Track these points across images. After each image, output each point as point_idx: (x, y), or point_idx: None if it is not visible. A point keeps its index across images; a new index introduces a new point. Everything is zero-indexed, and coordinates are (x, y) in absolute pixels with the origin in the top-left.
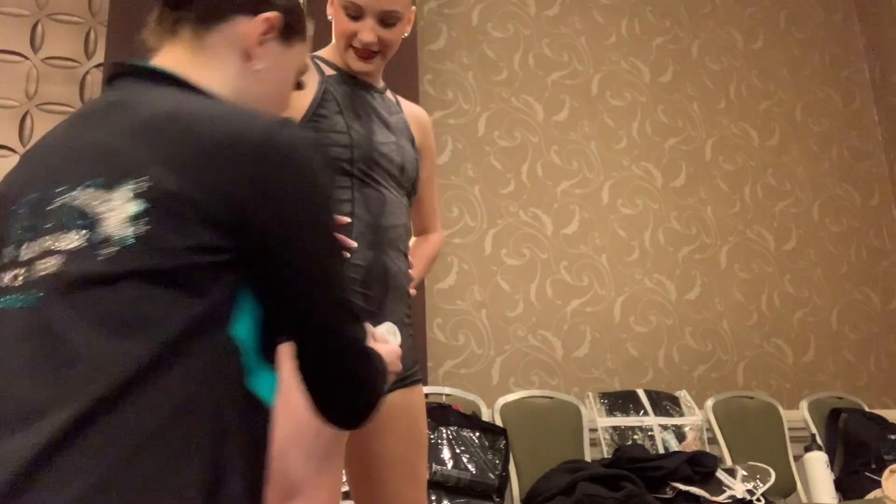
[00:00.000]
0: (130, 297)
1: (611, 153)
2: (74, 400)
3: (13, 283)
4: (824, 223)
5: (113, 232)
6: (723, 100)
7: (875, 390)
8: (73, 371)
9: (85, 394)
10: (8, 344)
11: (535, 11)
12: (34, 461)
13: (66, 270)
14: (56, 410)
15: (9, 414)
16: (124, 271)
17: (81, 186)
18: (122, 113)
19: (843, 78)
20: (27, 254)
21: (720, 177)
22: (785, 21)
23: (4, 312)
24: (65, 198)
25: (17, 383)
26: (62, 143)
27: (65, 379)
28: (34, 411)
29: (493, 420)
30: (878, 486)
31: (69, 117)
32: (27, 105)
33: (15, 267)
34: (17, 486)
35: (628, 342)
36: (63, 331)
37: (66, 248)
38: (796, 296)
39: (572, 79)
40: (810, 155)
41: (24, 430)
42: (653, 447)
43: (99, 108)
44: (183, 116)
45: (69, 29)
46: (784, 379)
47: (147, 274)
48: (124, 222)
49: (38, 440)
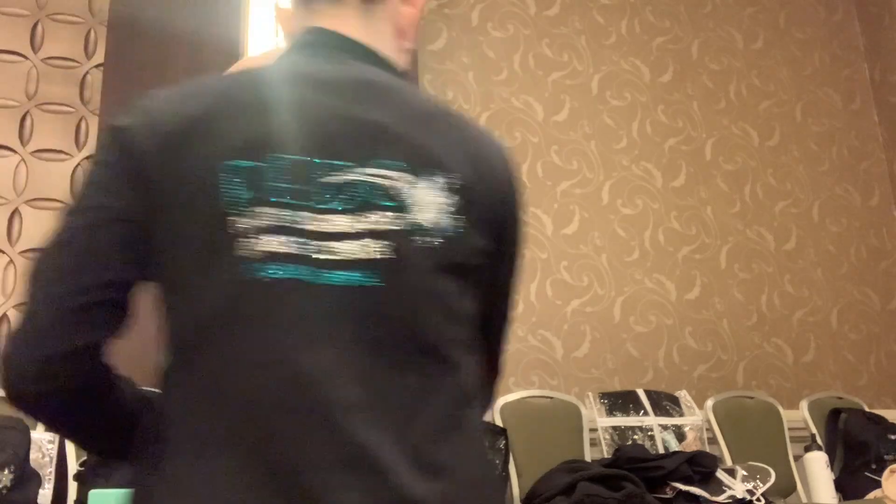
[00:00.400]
0: (452, 289)
1: (611, 153)
2: (439, 391)
3: (293, 251)
4: (824, 223)
5: (430, 222)
6: (723, 100)
7: (875, 390)
8: (426, 360)
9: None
10: (323, 320)
11: (535, 11)
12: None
13: (384, 253)
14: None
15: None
16: (447, 263)
17: (374, 166)
18: (390, 98)
19: (843, 78)
20: (312, 224)
21: (720, 177)
22: (785, 21)
23: (298, 283)
24: (353, 174)
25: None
26: (314, 108)
27: (420, 368)
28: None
29: (493, 420)
30: (878, 486)
31: (289, 77)
32: (27, 105)
33: (292, 234)
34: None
35: (628, 342)
36: (402, 317)
37: (379, 229)
38: (796, 296)
39: (572, 79)
40: (810, 155)
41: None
42: (653, 447)
43: (346, 82)
44: (444, 117)
45: (69, 29)
46: (784, 379)
47: (459, 268)
48: (440, 213)
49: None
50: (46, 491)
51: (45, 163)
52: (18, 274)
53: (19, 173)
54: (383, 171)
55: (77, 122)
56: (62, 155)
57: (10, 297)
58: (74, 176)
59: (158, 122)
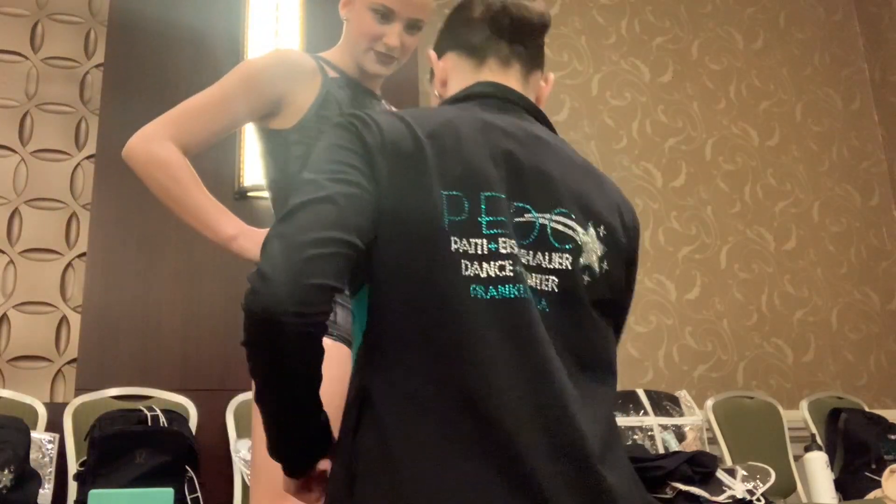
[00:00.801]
0: (606, 317)
1: (611, 153)
2: (605, 401)
3: (501, 273)
4: (824, 223)
5: (592, 264)
6: (723, 100)
7: (875, 390)
8: (595, 373)
9: (606, 395)
10: (533, 328)
11: None
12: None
13: (563, 287)
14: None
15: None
16: (597, 298)
17: (554, 212)
18: (557, 152)
19: (843, 78)
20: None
21: (720, 177)
22: (785, 21)
23: (514, 301)
24: (540, 218)
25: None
26: (507, 155)
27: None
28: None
29: None
30: (878, 486)
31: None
32: (27, 105)
33: (499, 259)
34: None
35: (628, 342)
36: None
37: (558, 268)
38: (796, 296)
39: (572, 79)
40: (810, 155)
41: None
42: (653, 447)
43: (527, 135)
44: (594, 171)
45: (69, 29)
46: (784, 379)
47: (608, 301)
48: (597, 258)
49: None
50: (46, 491)
51: (45, 163)
52: (18, 274)
53: (19, 173)
54: (562, 219)
55: (77, 122)
56: (62, 155)
57: (10, 296)
58: (74, 176)
59: (391, 141)
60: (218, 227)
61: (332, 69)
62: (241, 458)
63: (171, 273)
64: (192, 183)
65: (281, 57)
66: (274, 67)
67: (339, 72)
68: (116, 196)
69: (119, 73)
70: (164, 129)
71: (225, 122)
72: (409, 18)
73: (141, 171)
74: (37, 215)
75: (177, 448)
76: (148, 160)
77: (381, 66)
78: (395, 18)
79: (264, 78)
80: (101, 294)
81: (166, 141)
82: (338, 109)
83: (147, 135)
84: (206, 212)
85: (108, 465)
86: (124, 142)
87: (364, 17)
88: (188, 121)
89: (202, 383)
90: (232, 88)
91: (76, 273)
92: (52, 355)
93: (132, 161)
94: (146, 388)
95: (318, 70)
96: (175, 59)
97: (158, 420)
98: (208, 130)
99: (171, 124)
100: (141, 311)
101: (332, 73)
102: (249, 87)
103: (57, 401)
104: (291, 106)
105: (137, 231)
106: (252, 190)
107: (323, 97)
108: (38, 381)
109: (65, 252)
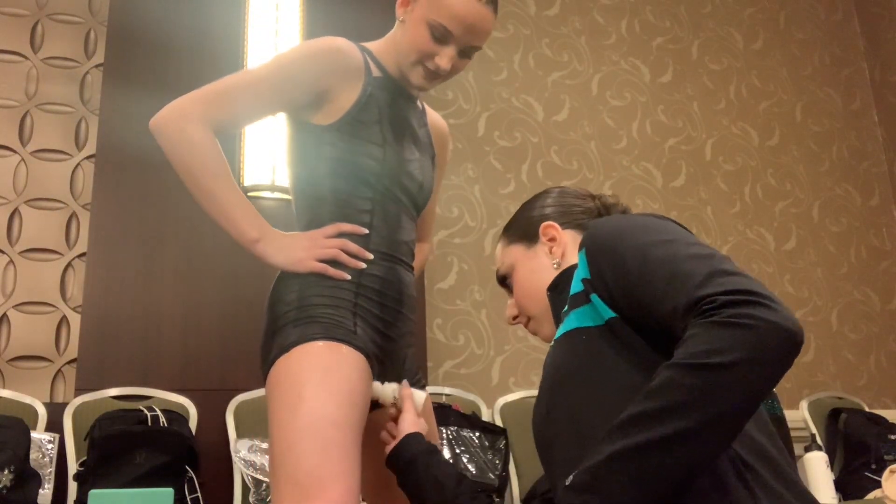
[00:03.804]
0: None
1: (611, 153)
2: None
3: None
4: (824, 223)
5: None
6: (723, 100)
7: (875, 390)
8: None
9: None
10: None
11: (535, 11)
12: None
13: None
14: None
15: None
16: None
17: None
18: None
19: (843, 78)
20: None
21: (720, 177)
22: (785, 21)
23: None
24: None
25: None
26: None
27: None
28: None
29: (493, 420)
30: (878, 486)
31: None
32: (27, 105)
33: None
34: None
35: None
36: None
37: None
38: (796, 296)
39: (572, 79)
40: (810, 155)
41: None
42: None
43: None
44: None
45: (69, 29)
46: (784, 379)
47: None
48: None
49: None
50: (46, 491)
51: (45, 163)
52: (18, 274)
53: (19, 173)
54: None
55: (77, 122)
56: (62, 155)
57: (10, 296)
58: (74, 176)
59: None
60: (242, 227)
61: (376, 66)
62: (241, 458)
63: (171, 273)
64: (223, 174)
65: (331, 49)
66: (322, 59)
67: (383, 70)
68: (116, 196)
69: (119, 73)
70: (202, 107)
71: (262, 107)
72: (467, 45)
73: (169, 149)
74: (37, 215)
75: (177, 448)
76: (181, 139)
77: (426, 81)
78: (451, 41)
79: (310, 69)
80: (101, 294)
81: (202, 122)
82: (377, 114)
83: (182, 111)
84: (233, 208)
85: (108, 465)
86: (124, 142)
87: (420, 30)
88: (227, 101)
89: (202, 383)
90: (276, 73)
91: (76, 273)
92: (52, 355)
93: (162, 137)
94: (146, 388)
95: (363, 68)
96: (175, 59)
97: (158, 420)
98: (244, 114)
99: (209, 102)
100: (141, 311)
101: (375, 71)
102: (293, 74)
103: (57, 401)
104: (333, 103)
105: (137, 231)
106: (253, 189)
107: (365, 100)
108: (38, 382)
109: (65, 252)
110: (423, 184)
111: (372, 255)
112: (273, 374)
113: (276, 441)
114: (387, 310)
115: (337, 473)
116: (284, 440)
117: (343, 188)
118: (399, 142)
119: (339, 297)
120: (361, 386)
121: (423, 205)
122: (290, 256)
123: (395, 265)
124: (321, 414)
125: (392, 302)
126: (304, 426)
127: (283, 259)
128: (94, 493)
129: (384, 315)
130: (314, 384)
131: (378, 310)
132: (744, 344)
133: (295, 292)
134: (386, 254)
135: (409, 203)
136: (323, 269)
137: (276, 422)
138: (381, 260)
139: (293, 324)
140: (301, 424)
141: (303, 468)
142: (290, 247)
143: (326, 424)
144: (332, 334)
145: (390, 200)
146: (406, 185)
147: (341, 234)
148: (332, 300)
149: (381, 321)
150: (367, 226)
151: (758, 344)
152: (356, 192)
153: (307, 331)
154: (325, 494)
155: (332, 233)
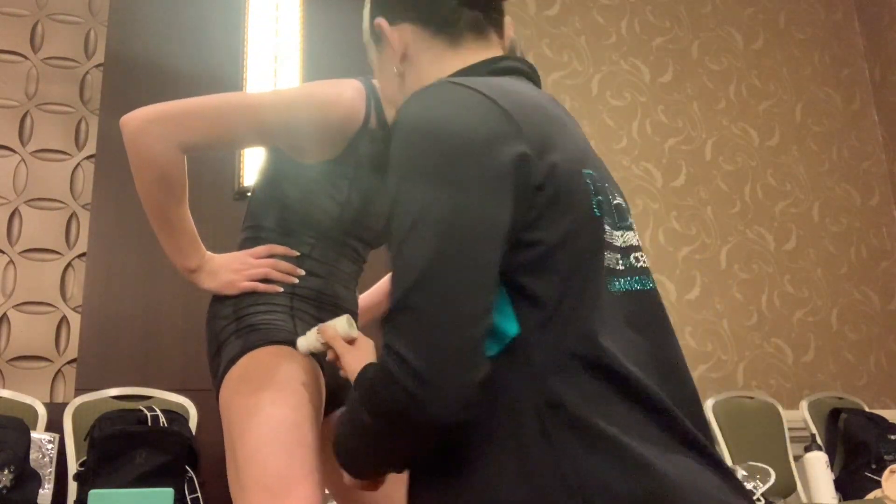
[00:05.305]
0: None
1: (611, 153)
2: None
3: (617, 266)
4: (824, 223)
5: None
6: (723, 100)
7: (875, 390)
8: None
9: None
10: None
11: (535, 11)
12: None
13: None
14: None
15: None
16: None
17: (617, 195)
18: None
19: (843, 78)
20: (619, 242)
21: (720, 177)
22: (785, 21)
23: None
24: (617, 200)
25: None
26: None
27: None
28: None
29: None
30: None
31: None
32: (27, 105)
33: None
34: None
35: None
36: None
37: (637, 244)
38: (796, 296)
39: (572, 79)
40: (810, 155)
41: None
42: None
43: (560, 111)
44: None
45: (69, 29)
46: (784, 379)
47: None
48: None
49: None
50: (46, 491)
51: (45, 163)
52: (18, 274)
53: (19, 173)
54: (619, 200)
55: (77, 122)
56: (62, 155)
57: (10, 296)
58: (74, 176)
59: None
60: (187, 254)
61: (377, 116)
62: None
63: (171, 273)
64: (183, 201)
65: (335, 104)
66: (321, 114)
67: (381, 120)
68: (116, 196)
69: (119, 73)
70: (179, 126)
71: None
72: None
73: (135, 163)
74: (37, 215)
75: (177, 448)
76: (150, 162)
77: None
78: None
79: (306, 118)
80: (101, 294)
81: (175, 142)
82: (353, 171)
83: (154, 130)
84: (182, 236)
85: (108, 465)
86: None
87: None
88: (207, 124)
89: (202, 383)
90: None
91: (76, 273)
92: (52, 355)
93: (132, 146)
94: (146, 388)
95: (361, 123)
96: (175, 59)
97: (158, 420)
98: (220, 143)
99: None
100: (141, 311)
101: (374, 122)
102: (286, 120)
103: (57, 401)
104: (314, 152)
105: (137, 231)
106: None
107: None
108: (38, 381)
109: (65, 252)
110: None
111: (305, 272)
112: (225, 387)
113: (238, 450)
114: (324, 311)
115: (305, 472)
116: (246, 448)
117: (292, 218)
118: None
119: (275, 303)
120: (312, 383)
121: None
122: (219, 279)
123: (332, 281)
124: (280, 418)
125: (329, 307)
126: (265, 432)
127: (215, 283)
128: (94, 493)
129: (322, 316)
130: (267, 390)
131: (315, 311)
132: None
133: (230, 307)
134: (321, 275)
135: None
136: (252, 287)
137: (235, 432)
138: (315, 277)
139: (235, 335)
140: (262, 431)
141: (270, 472)
142: (221, 269)
143: (287, 427)
144: (274, 338)
145: (336, 244)
146: (362, 236)
147: (273, 255)
148: (267, 307)
149: (319, 321)
150: (303, 256)
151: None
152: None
153: (249, 339)
154: (296, 493)
155: (263, 253)
